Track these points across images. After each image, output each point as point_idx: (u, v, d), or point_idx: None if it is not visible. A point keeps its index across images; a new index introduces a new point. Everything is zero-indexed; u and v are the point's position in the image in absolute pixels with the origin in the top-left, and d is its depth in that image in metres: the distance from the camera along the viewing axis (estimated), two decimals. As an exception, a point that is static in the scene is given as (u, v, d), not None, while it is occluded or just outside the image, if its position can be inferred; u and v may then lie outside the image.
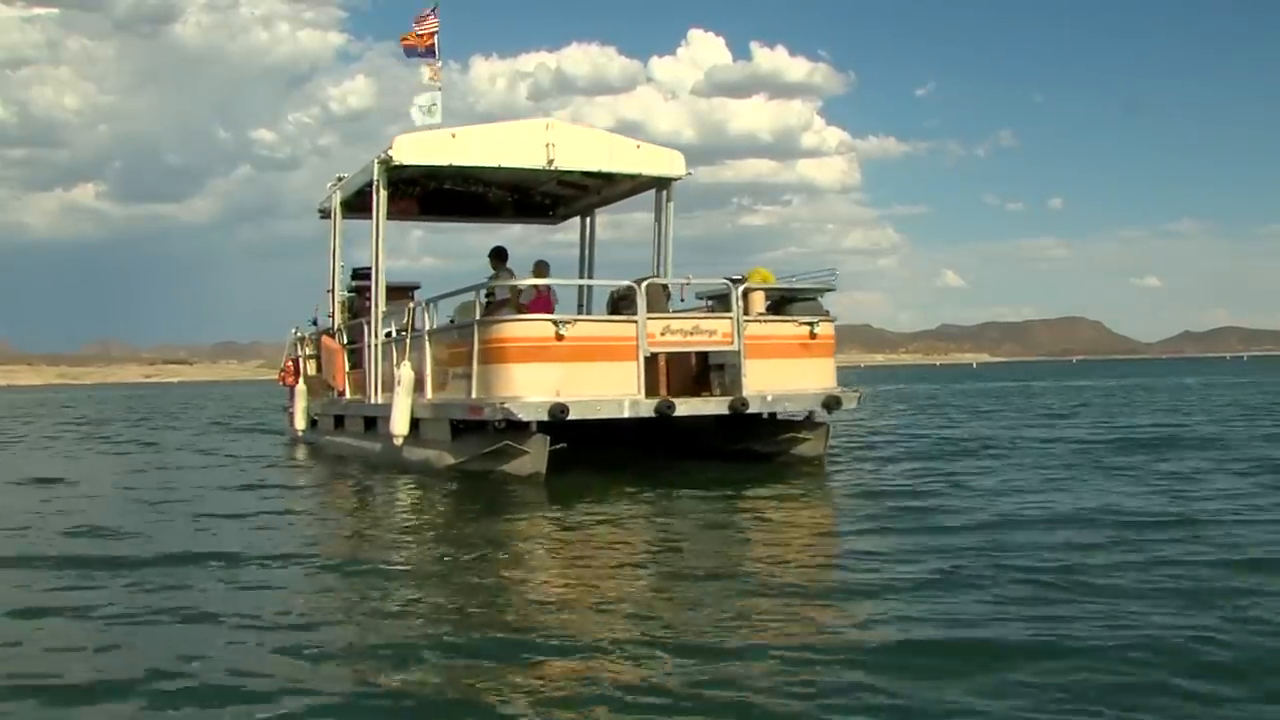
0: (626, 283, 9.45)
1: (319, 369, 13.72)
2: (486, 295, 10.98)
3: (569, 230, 14.87)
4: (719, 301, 10.17)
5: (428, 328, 9.90)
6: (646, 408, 8.77)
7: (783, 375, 9.53)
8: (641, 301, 8.91)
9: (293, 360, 15.30)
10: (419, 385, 9.94)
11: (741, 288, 9.41)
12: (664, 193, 12.10)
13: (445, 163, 10.87)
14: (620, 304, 9.89)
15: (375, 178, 11.00)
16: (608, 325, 8.87)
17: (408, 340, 10.10)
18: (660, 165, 11.75)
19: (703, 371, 9.92)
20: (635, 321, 8.87)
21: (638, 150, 11.57)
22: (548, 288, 11.32)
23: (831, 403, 9.59)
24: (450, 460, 9.32)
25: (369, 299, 13.24)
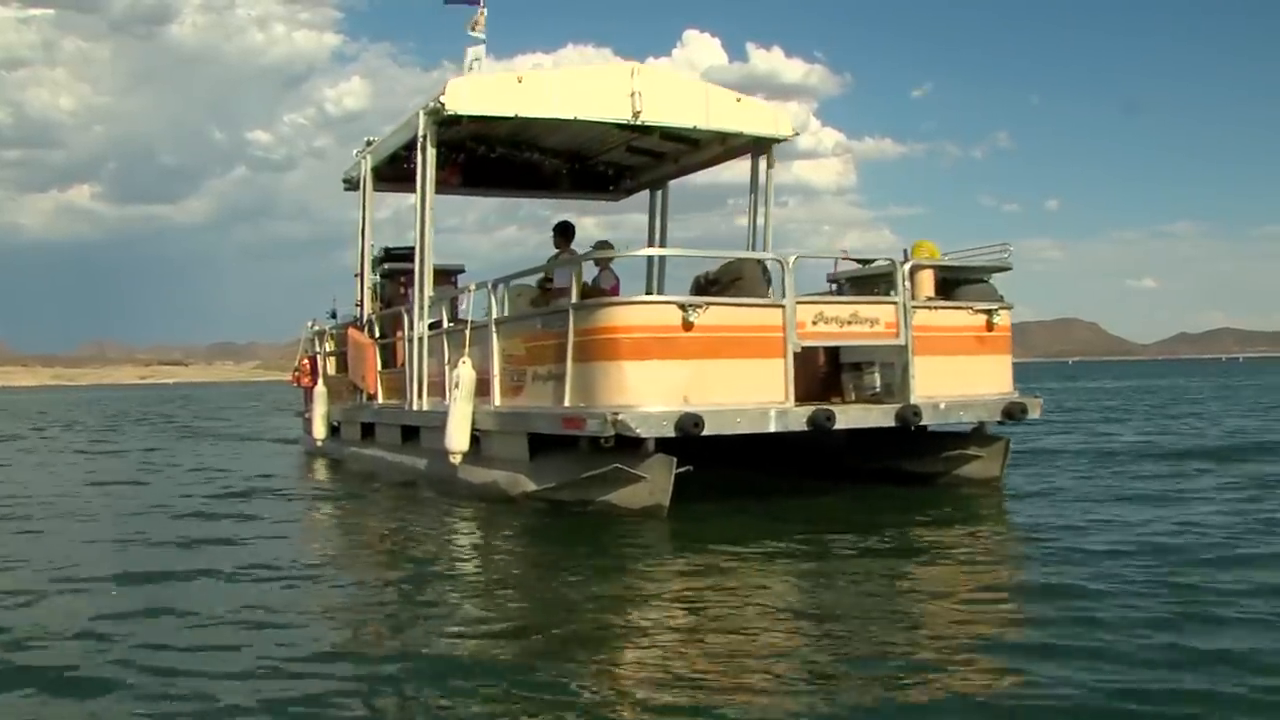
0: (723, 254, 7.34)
1: (342, 368, 11.55)
2: (542, 282, 8.92)
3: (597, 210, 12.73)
4: (853, 284, 8.07)
5: (495, 315, 7.74)
6: (797, 419, 6.65)
7: (955, 376, 7.42)
8: (789, 280, 6.78)
9: (309, 358, 13.15)
10: (482, 388, 7.81)
11: (908, 264, 7.28)
12: (763, 158, 10.00)
13: (509, 113, 8.73)
14: (709, 290, 7.75)
15: (421, 132, 8.88)
16: (748, 311, 6.72)
17: (467, 332, 7.95)
18: (762, 123, 9.65)
19: (832, 371, 7.80)
20: (782, 306, 6.74)
21: (737, 104, 9.47)
22: (617, 277, 9.27)
23: (1015, 410, 7.48)
24: (529, 486, 7.18)
25: (404, 284, 11.15)
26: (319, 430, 11.96)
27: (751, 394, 6.61)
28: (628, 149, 11.20)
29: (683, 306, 6.41)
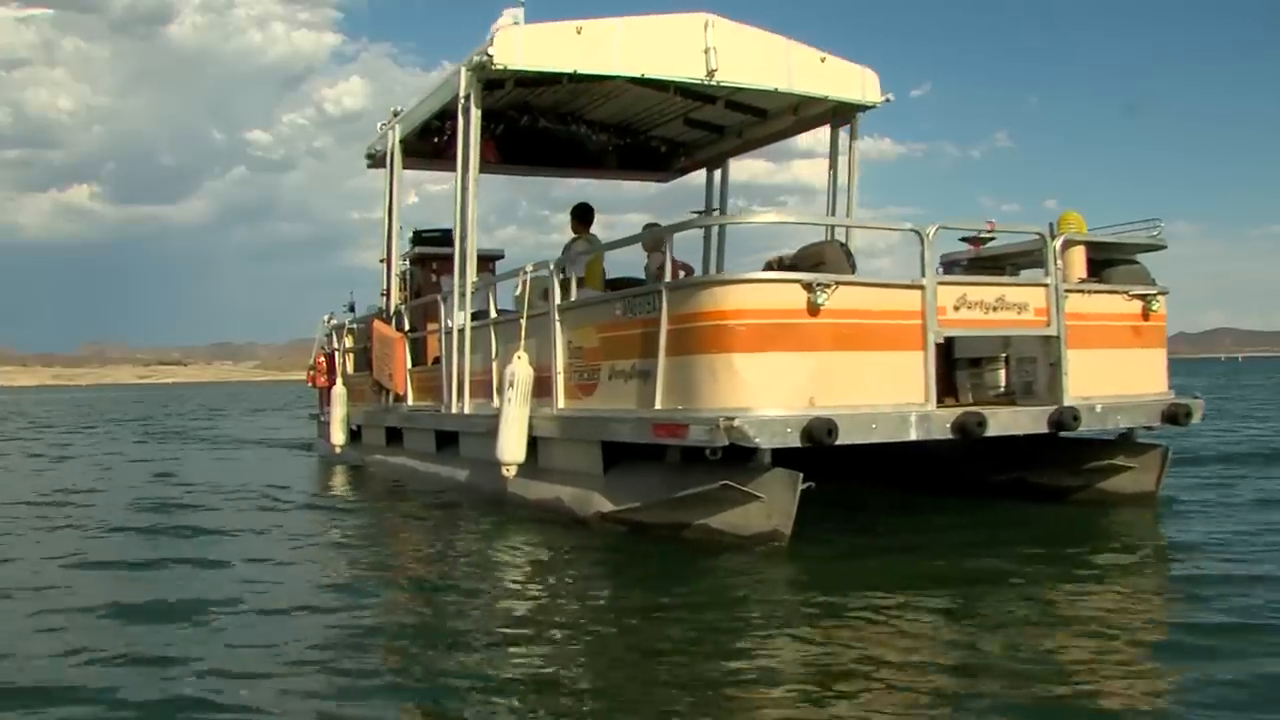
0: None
1: (366, 365, 10.32)
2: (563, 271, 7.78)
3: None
4: (971, 266, 6.90)
5: (558, 300, 6.53)
6: (940, 425, 5.45)
7: (1109, 373, 6.22)
8: (930, 255, 5.57)
9: (325, 355, 11.95)
10: (539, 388, 6.61)
11: (1059, 240, 6.07)
12: (846, 127, 8.81)
13: (566, 69, 7.54)
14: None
15: (463, 92, 7.69)
16: (882, 293, 5.49)
17: (522, 322, 6.74)
18: (849, 86, 8.47)
19: (947, 367, 6.60)
20: (922, 287, 5.53)
21: (822, 65, 8.29)
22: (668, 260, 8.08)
23: (1178, 414, 6.28)
24: (604, 505, 5.98)
25: (436, 271, 9.96)
26: (337, 435, 10.75)
27: (885, 394, 5.40)
28: (685, 121, 10.01)
29: (809, 286, 5.19)
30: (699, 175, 11.01)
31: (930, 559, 5.04)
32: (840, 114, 8.80)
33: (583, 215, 8.73)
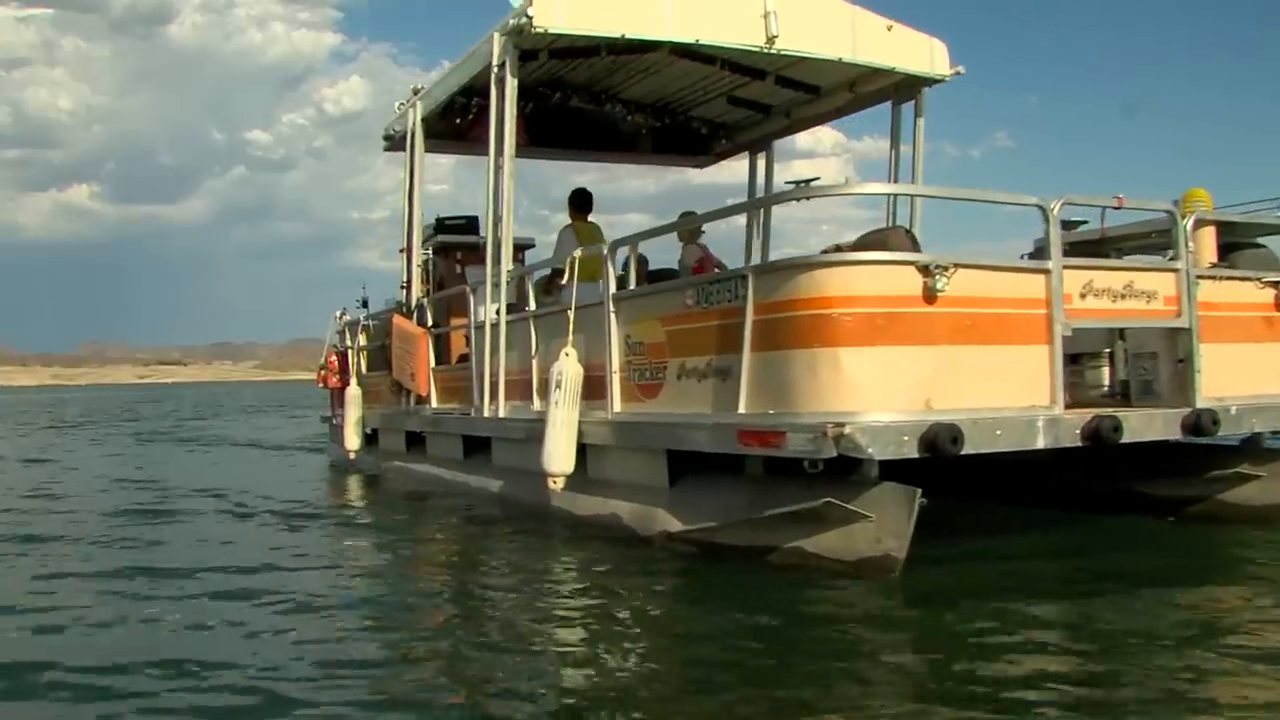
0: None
1: (384, 364, 9.55)
2: (551, 275, 7.12)
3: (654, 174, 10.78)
4: (1072, 250, 6.13)
5: (612, 289, 5.77)
6: (1070, 431, 4.71)
7: (1242, 371, 5.47)
8: (1055, 233, 4.81)
9: (337, 354, 11.21)
10: (589, 389, 5.86)
11: (1189, 219, 5.31)
12: (912, 103, 8.07)
13: (613, 33, 6.79)
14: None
15: (496, 60, 6.95)
16: (1004, 278, 4.73)
17: (570, 314, 5.99)
18: (917, 58, 7.74)
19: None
20: (1046, 271, 4.77)
21: (889, 34, 7.54)
22: (704, 253, 7.41)
23: (1320, 417, 5.53)
24: (672, 524, 5.22)
25: (460, 261, 9.22)
26: (352, 440, 9.99)
27: (1007, 395, 4.65)
28: (729, 100, 9.25)
29: (925, 268, 4.43)
30: (712, 171, 10.30)
31: (1048, 582, 4.34)
32: (904, 89, 8.07)
33: (580, 202, 8.04)
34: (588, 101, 9.30)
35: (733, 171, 10.20)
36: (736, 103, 9.32)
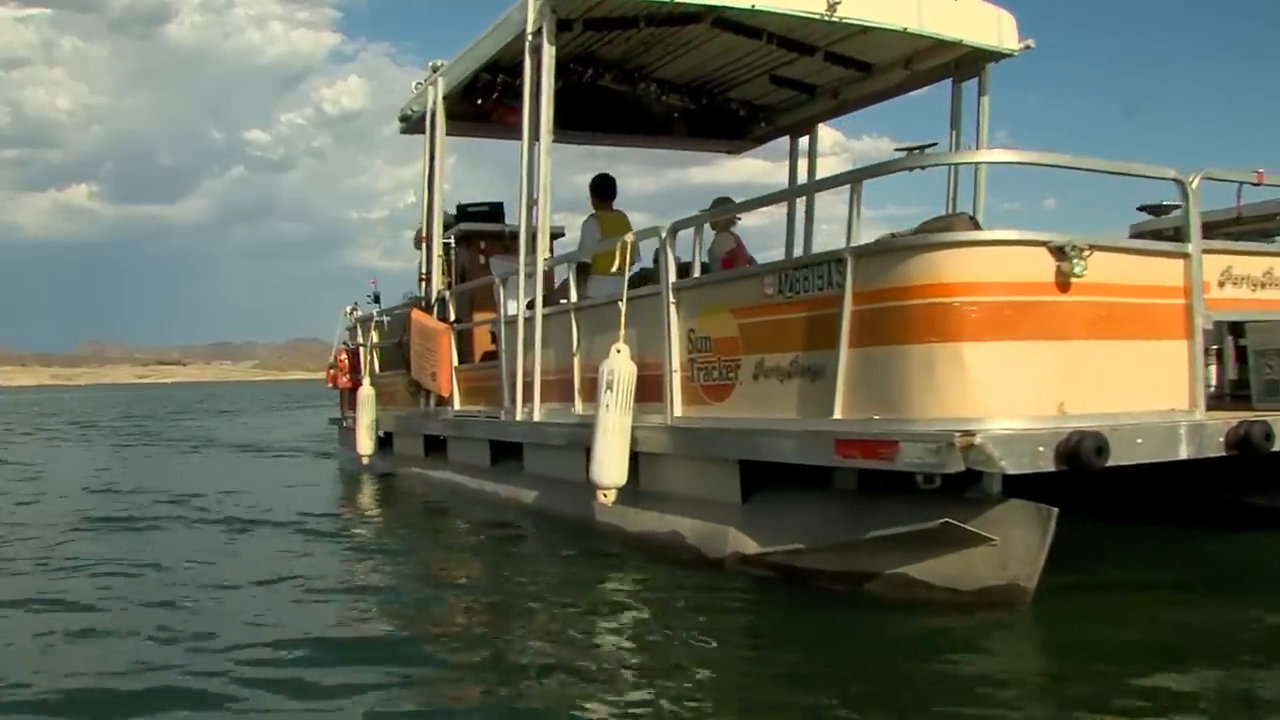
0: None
1: (400, 363, 8.90)
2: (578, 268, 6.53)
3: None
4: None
5: (672, 278, 5.12)
6: (1213, 439, 4.06)
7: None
8: (1195, 208, 4.17)
9: (349, 352, 10.56)
10: (642, 390, 5.21)
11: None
12: (976, 79, 7.44)
13: (667, -2, 6.15)
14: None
15: (531, 27, 6.32)
16: (1139, 262, 4.07)
17: (622, 306, 5.34)
18: (984, 30, 7.08)
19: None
20: (1186, 255, 4.13)
21: (955, 5, 6.91)
22: (738, 244, 6.80)
23: None
24: (746, 545, 4.57)
25: (484, 251, 8.58)
26: (364, 443, 9.33)
27: (1143, 398, 4.00)
28: (772, 78, 8.60)
29: (1059, 250, 3.77)
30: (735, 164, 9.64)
31: (1198, 615, 3.70)
32: (966, 64, 7.42)
33: (603, 189, 7.47)
34: (619, 80, 8.63)
35: (734, 170, 9.61)
36: (780, 82, 8.66)
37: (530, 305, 6.51)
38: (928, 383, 3.76)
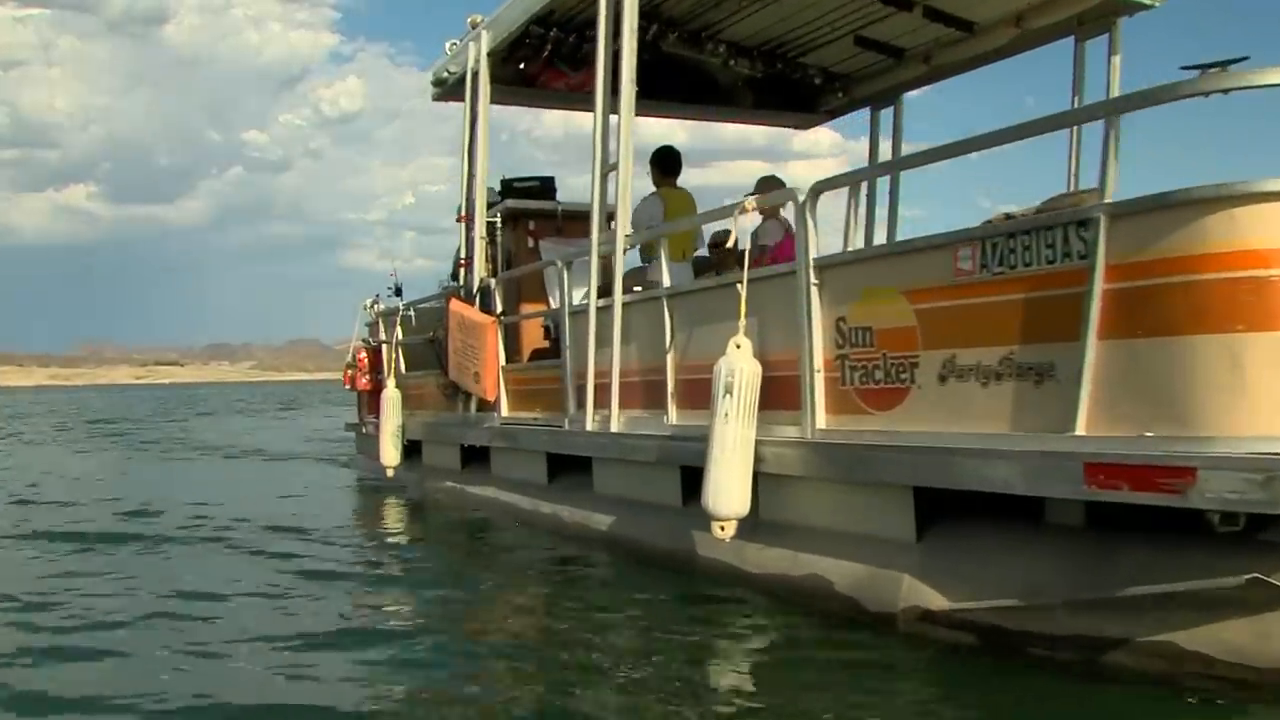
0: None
1: (434, 361, 7.82)
2: (646, 252, 5.45)
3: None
4: None
5: (813, 253, 4.04)
6: None
7: None
8: None
9: (369, 350, 9.50)
10: (770, 394, 4.14)
11: None
12: (1105, 35, 6.41)
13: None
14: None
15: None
16: None
17: (742, 290, 4.26)
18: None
19: None
20: None
21: None
22: (788, 234, 5.75)
23: None
24: (930, 598, 3.50)
25: (533, 233, 7.54)
26: (389, 453, 8.23)
27: None
28: (856, 40, 7.54)
29: None
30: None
31: None
32: (1093, 19, 6.39)
33: (666, 164, 6.52)
34: (683, 44, 7.57)
35: (728, 173, 8.55)
36: (865, 44, 7.58)
37: (603, 293, 5.45)
38: (1234, 387, 2.69)
